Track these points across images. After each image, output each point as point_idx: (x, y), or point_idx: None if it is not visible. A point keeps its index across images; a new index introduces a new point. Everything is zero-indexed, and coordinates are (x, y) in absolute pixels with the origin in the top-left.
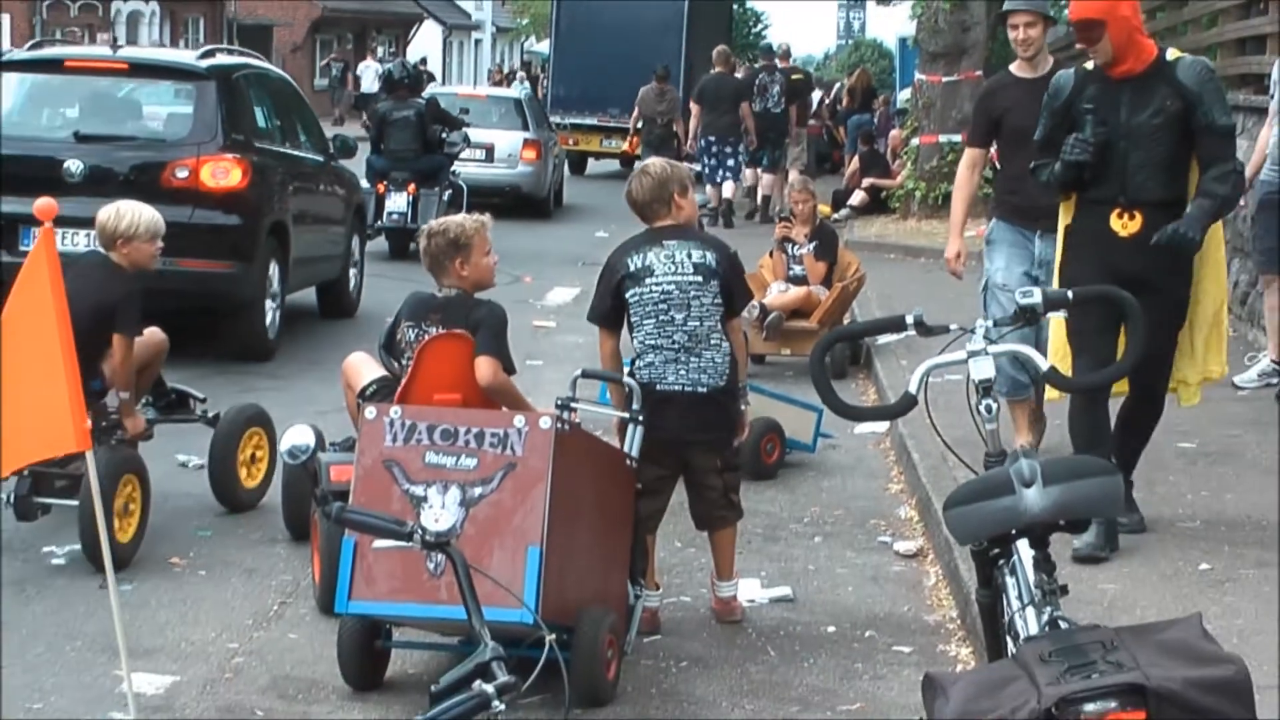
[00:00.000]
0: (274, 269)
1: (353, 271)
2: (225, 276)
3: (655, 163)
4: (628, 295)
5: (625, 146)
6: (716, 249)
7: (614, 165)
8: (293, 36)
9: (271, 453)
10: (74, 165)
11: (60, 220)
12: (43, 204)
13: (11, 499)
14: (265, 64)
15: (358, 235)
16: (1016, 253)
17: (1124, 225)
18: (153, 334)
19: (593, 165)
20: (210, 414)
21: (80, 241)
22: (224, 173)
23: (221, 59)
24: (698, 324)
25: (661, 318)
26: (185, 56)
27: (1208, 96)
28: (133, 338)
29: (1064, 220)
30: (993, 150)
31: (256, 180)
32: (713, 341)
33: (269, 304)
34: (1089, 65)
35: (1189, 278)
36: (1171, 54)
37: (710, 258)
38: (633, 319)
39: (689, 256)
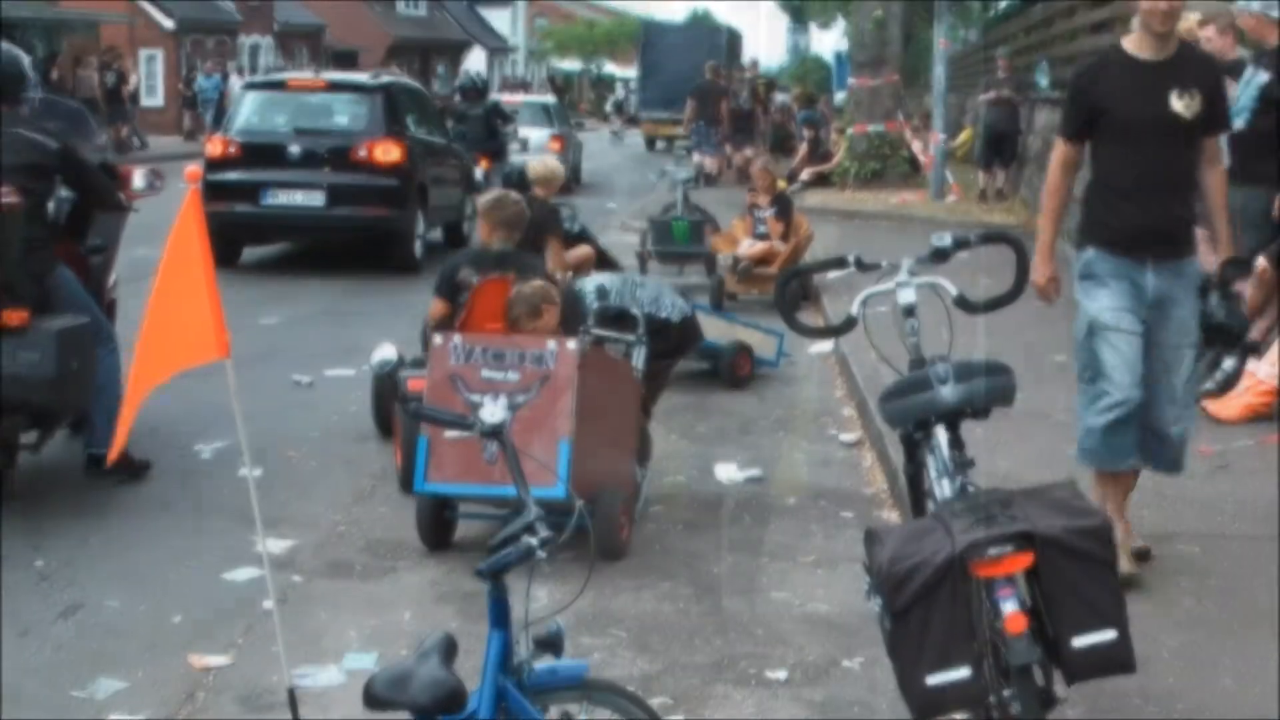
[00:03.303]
0: (419, 214)
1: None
2: (391, 219)
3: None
4: None
5: (681, 130)
6: None
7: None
8: (374, 60)
9: None
10: (294, 148)
11: (285, 184)
12: (191, 169)
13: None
14: (410, 80)
15: (467, 194)
16: (1123, 287)
17: None
18: (584, 249)
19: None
20: None
21: (298, 198)
22: (387, 152)
23: (384, 78)
24: None
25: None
26: (361, 77)
27: None
28: (559, 239)
29: None
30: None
31: (408, 156)
32: None
33: (416, 238)
34: None
35: None
36: None
37: None
38: None
39: None
